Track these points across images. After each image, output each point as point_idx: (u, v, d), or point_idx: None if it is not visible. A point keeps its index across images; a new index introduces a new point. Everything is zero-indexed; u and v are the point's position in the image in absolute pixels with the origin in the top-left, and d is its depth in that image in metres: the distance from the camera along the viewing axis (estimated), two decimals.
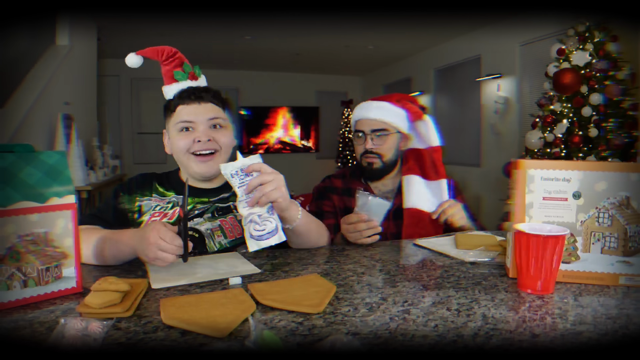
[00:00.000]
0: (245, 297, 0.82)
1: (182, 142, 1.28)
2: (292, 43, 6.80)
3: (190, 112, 1.29)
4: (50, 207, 0.84)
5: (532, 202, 0.98)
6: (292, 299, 0.81)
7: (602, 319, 0.75)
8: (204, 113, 1.29)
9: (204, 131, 1.28)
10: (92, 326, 0.65)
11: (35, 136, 3.75)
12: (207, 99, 1.31)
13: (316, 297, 0.82)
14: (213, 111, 1.31)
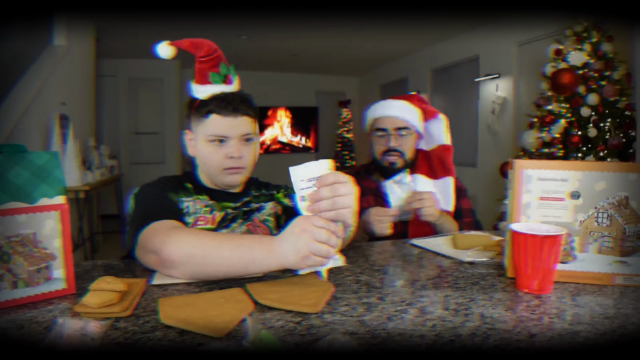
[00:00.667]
0: (243, 297, 0.82)
1: (214, 157, 1.23)
2: (289, 43, 6.80)
3: (225, 125, 1.21)
4: (38, 208, 0.83)
5: (529, 202, 0.98)
6: (290, 299, 0.81)
7: (599, 319, 0.75)
8: (239, 127, 1.22)
9: (236, 147, 1.22)
10: (90, 326, 0.65)
11: (31, 136, 3.74)
12: (243, 111, 1.23)
13: (314, 296, 0.82)
14: (247, 126, 1.24)
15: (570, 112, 3.77)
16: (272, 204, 1.39)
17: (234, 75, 1.26)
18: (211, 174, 1.27)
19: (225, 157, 1.22)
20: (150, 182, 1.28)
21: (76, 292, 0.88)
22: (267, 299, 0.81)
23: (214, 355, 0.57)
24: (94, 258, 4.71)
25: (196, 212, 1.26)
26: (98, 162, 4.92)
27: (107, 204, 6.42)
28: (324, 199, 0.84)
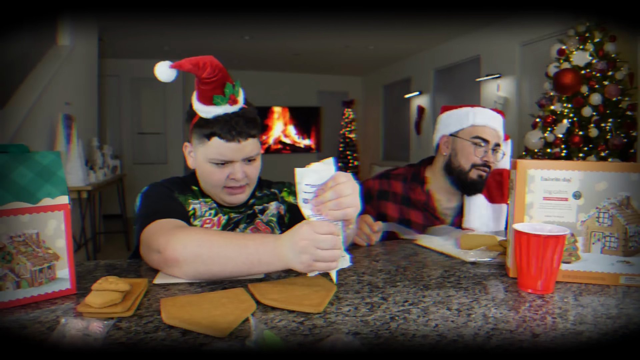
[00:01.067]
0: (245, 297, 0.82)
1: (216, 176, 1.20)
2: (291, 43, 6.81)
3: (228, 150, 1.16)
4: (41, 208, 0.84)
5: (532, 202, 0.98)
6: (292, 299, 0.81)
7: (602, 319, 0.75)
8: (242, 151, 1.18)
9: (240, 168, 1.19)
10: (92, 326, 0.65)
11: (35, 136, 3.75)
12: (247, 135, 1.17)
13: (317, 296, 0.82)
14: (251, 148, 1.20)
15: (572, 112, 3.76)
16: (275, 204, 1.39)
17: (238, 93, 1.18)
18: (212, 192, 1.26)
19: (227, 178, 1.20)
20: (158, 182, 1.28)
21: (79, 292, 0.88)
22: (270, 299, 0.81)
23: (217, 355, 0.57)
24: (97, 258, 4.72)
25: (202, 214, 1.26)
26: (101, 162, 4.93)
27: (110, 204, 6.44)
28: (329, 201, 0.83)
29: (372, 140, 9.50)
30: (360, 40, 6.56)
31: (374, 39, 6.50)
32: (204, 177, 1.25)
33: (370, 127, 9.60)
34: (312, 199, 0.85)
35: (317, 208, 0.84)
